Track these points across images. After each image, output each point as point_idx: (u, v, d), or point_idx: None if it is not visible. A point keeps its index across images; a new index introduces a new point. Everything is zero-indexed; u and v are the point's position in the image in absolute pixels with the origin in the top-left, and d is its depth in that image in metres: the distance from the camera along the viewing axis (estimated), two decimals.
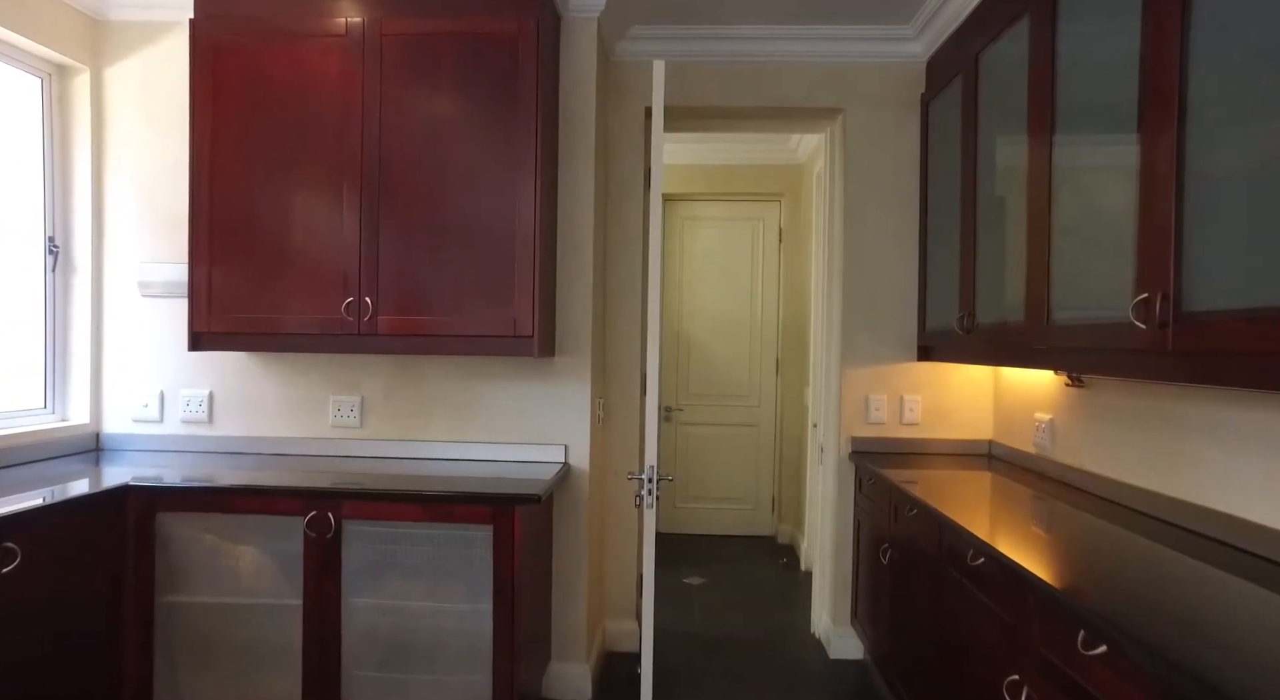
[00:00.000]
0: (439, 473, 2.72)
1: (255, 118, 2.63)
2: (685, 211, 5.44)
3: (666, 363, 5.44)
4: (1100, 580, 1.59)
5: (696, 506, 5.47)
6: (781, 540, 5.31)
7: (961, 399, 3.29)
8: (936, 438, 3.29)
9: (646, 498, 2.58)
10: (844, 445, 3.34)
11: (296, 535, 2.33)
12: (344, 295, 2.62)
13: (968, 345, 2.71)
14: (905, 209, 3.30)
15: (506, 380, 2.92)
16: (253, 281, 2.64)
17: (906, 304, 3.30)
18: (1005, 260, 2.43)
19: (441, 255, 2.61)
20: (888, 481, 2.74)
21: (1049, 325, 2.09)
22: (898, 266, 3.30)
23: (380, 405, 2.96)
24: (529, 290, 2.59)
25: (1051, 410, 2.72)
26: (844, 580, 3.34)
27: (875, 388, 3.32)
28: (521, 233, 2.59)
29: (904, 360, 3.31)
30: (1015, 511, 2.26)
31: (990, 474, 2.84)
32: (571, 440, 2.92)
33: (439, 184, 2.61)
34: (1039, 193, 2.14)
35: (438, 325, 2.61)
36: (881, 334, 3.31)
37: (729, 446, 5.44)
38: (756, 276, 5.42)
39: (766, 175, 5.30)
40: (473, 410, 2.93)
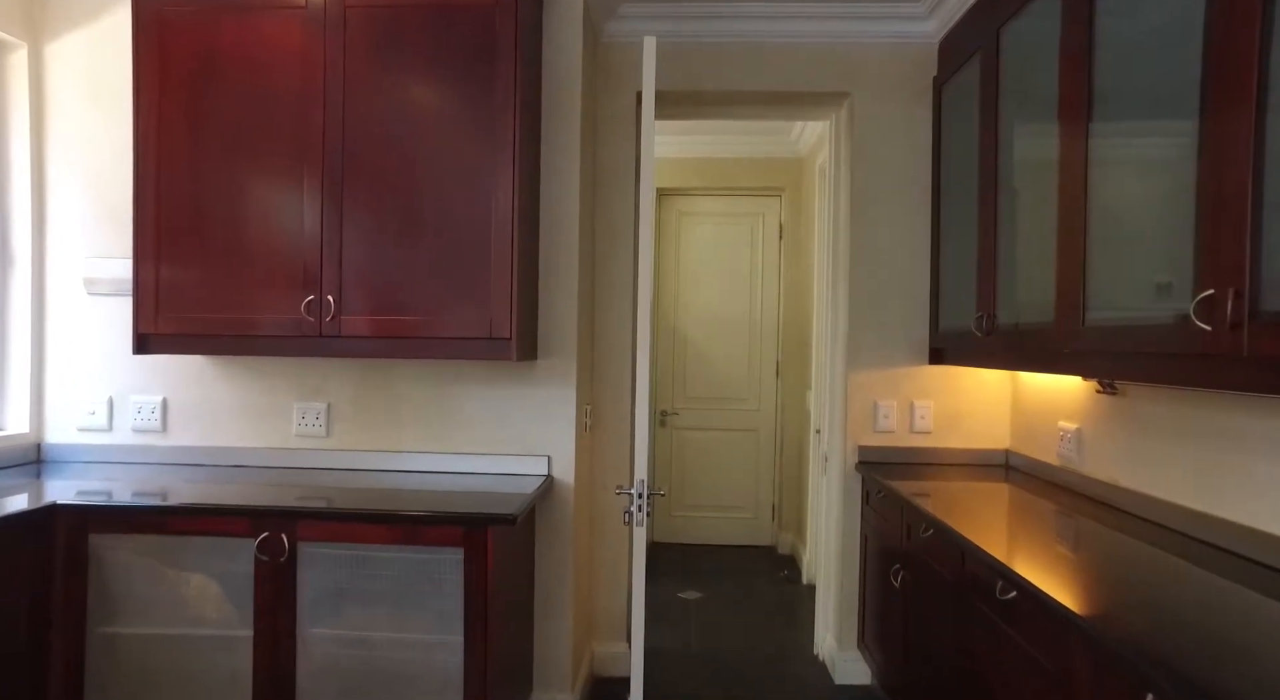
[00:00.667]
0: (411, 487, 2.49)
1: (206, 98, 2.39)
2: (681, 206, 5.21)
3: (662, 365, 5.22)
4: (1164, 624, 1.36)
5: (693, 515, 5.24)
6: (782, 551, 5.08)
7: (976, 405, 3.07)
8: (950, 447, 3.06)
9: (636, 514, 2.36)
10: (850, 455, 3.11)
11: (247, 559, 2.10)
12: (304, 293, 2.39)
13: (986, 348, 2.48)
14: (916, 201, 3.07)
15: (485, 386, 2.69)
16: (204, 278, 2.41)
17: (917, 304, 3.07)
18: (1030, 256, 2.21)
19: (411, 250, 2.38)
20: (899, 495, 2.51)
21: (1083, 327, 1.86)
22: (908, 263, 3.08)
23: (348, 413, 2.73)
24: (506, 288, 2.36)
25: (1078, 419, 2.49)
26: (850, 599, 3.12)
27: (883, 393, 3.09)
28: (498, 225, 2.36)
29: (914, 364, 3.08)
30: (1044, 532, 2.03)
31: (1009, 487, 2.61)
32: (555, 450, 2.69)
33: (408, 172, 2.38)
34: (1072, 182, 1.92)
35: (406, 326, 2.38)
36: (890, 335, 3.09)
37: (727, 452, 5.22)
38: (756, 275, 5.19)
39: (766, 169, 5.07)
40: (448, 418, 2.70)
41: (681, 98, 3.19)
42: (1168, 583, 1.61)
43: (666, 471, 5.22)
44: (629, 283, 3.15)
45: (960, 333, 2.73)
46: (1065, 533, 2.03)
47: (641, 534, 2.39)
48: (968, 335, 2.62)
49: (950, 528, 2.01)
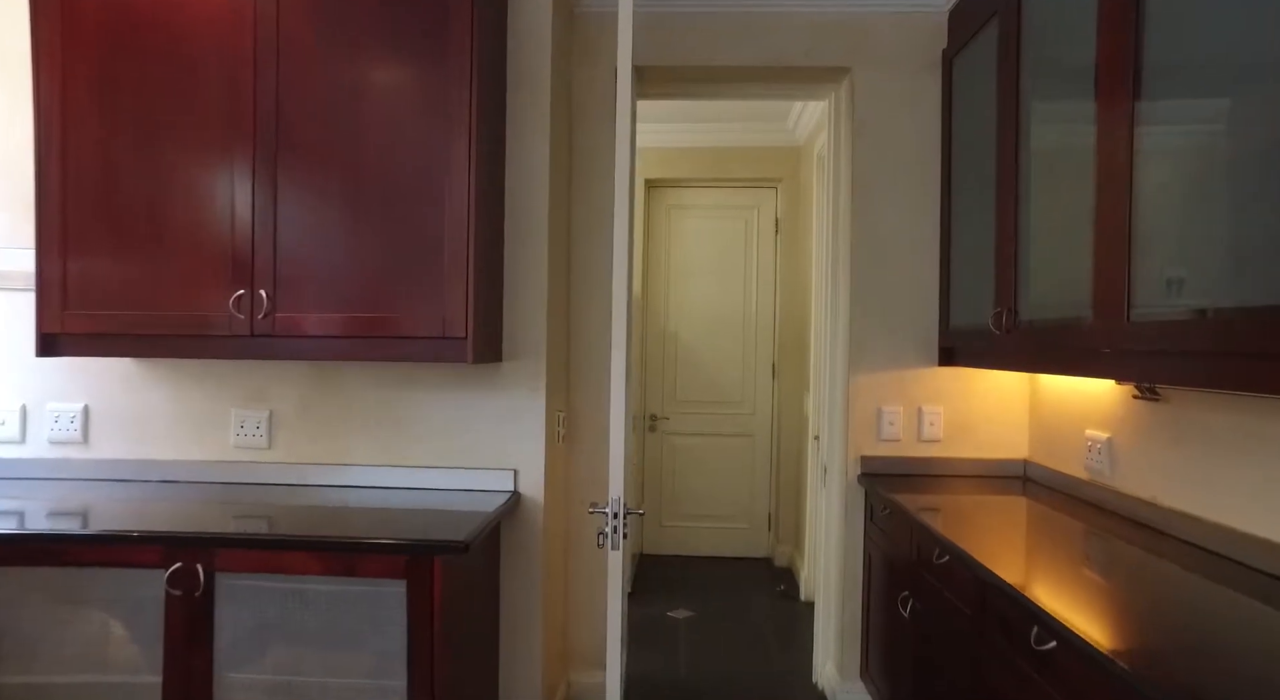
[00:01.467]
0: (361, 504, 2.21)
1: (119, 67, 2.11)
2: (671, 199, 4.93)
3: (651, 366, 4.93)
4: (1246, 679, 1.08)
5: (684, 526, 4.96)
6: (779, 563, 4.80)
7: (991, 411, 2.78)
8: (962, 457, 2.78)
9: (612, 536, 2.09)
10: (851, 466, 2.83)
11: (156, 594, 1.82)
12: (233, 287, 2.10)
13: (1005, 348, 2.20)
14: (923, 187, 2.79)
15: (444, 391, 2.41)
16: (119, 270, 2.13)
17: (925, 299, 2.79)
18: (1059, 246, 1.93)
19: (355, 238, 2.10)
20: (907, 514, 2.23)
21: (1128, 323, 1.58)
22: (915, 255, 2.80)
23: (293, 421, 2.44)
24: (462, 281, 2.07)
25: (1109, 427, 2.21)
26: (852, 624, 2.83)
27: (889, 397, 2.81)
28: (453, 211, 2.07)
29: (922, 365, 2.80)
30: (1078, 561, 1.75)
31: (1030, 503, 2.33)
32: (522, 463, 2.40)
33: (352, 150, 2.10)
34: (1112, 164, 1.64)
35: (349, 324, 2.10)
36: (896, 335, 2.81)
37: (720, 459, 4.93)
38: (751, 270, 4.91)
39: (761, 158, 4.79)
40: (404, 427, 2.42)
41: (664, 74, 2.91)
42: (1242, 627, 1.32)
43: (656, 479, 4.94)
44: (610, 278, 2.86)
45: (974, 331, 2.45)
46: (1103, 561, 1.74)
47: (618, 558, 2.12)
48: (983, 333, 2.34)
49: (971, 557, 1.72)
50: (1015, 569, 1.65)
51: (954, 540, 1.86)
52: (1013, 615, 1.56)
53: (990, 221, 2.30)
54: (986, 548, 1.81)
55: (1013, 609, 1.56)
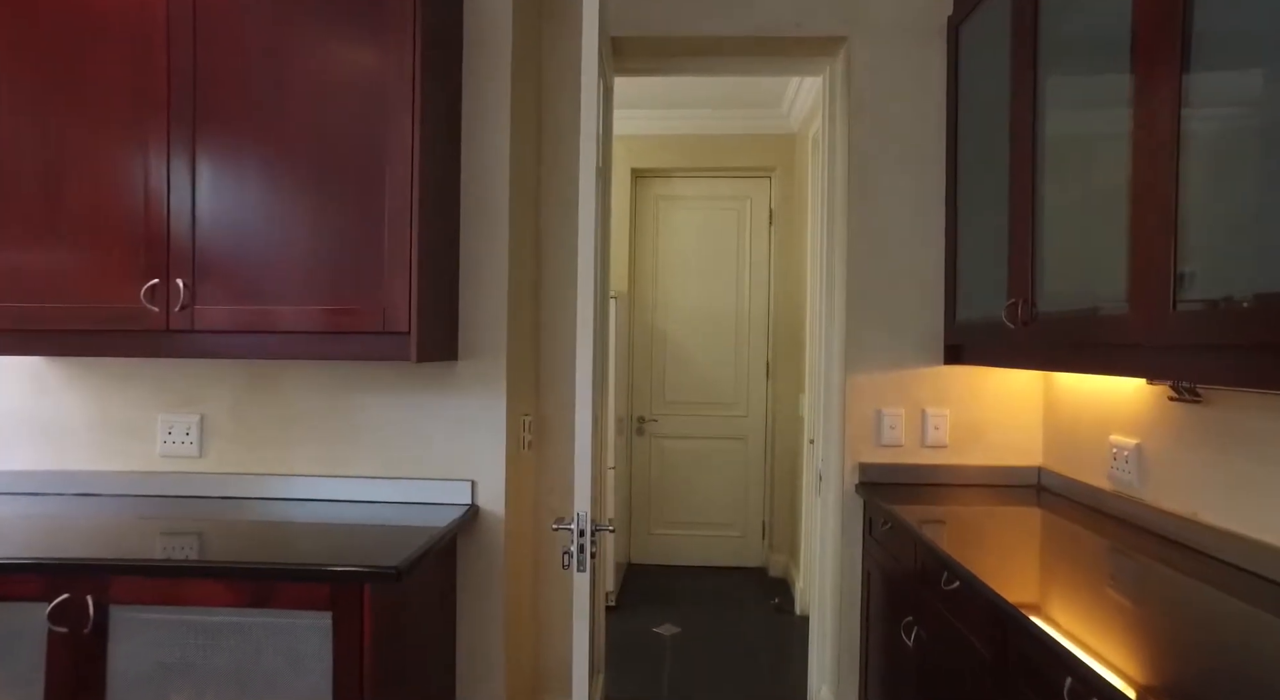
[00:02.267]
0: (302, 519, 1.97)
1: (7, 26, 1.86)
2: (659, 189, 4.69)
3: (638, 366, 4.68)
4: None
5: (673, 534, 4.71)
6: (773, 573, 4.55)
7: (1001, 414, 2.54)
8: (970, 465, 2.53)
9: (578, 556, 1.85)
10: (849, 474, 2.58)
11: (38, 630, 1.57)
12: (145, 276, 1.85)
13: (1020, 343, 1.95)
14: (927, 169, 2.54)
15: (394, 393, 2.16)
16: (13, 258, 1.88)
17: (929, 292, 2.54)
18: (1086, 229, 1.68)
19: (285, 223, 1.85)
20: (911, 530, 1.98)
21: (1173, 314, 1.34)
22: (917, 243, 2.55)
23: (227, 427, 2.19)
24: (404, 270, 1.82)
25: (1139, 432, 1.96)
26: (850, 646, 2.58)
27: (889, 399, 2.56)
28: (394, 193, 1.82)
29: (926, 364, 2.55)
30: (1111, 588, 1.50)
31: (1047, 516, 2.08)
32: (481, 473, 2.16)
33: (281, 123, 1.85)
34: (1153, 142, 1.39)
35: (279, 319, 1.85)
36: (897, 330, 2.56)
37: (712, 463, 4.69)
38: (743, 265, 4.66)
39: (754, 147, 4.54)
40: (350, 434, 2.17)
41: (643, 47, 2.67)
42: None
43: (644, 485, 4.69)
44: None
45: (984, 326, 2.20)
46: (1138, 589, 1.50)
47: (585, 582, 1.88)
48: (995, 328, 2.09)
49: (988, 587, 1.48)
50: (1040, 600, 1.40)
51: (966, 564, 1.61)
52: (1042, 660, 1.31)
53: (1003, 205, 2.05)
54: (1004, 573, 1.56)
55: (1042, 654, 1.31)
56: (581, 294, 1.79)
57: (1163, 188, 1.36)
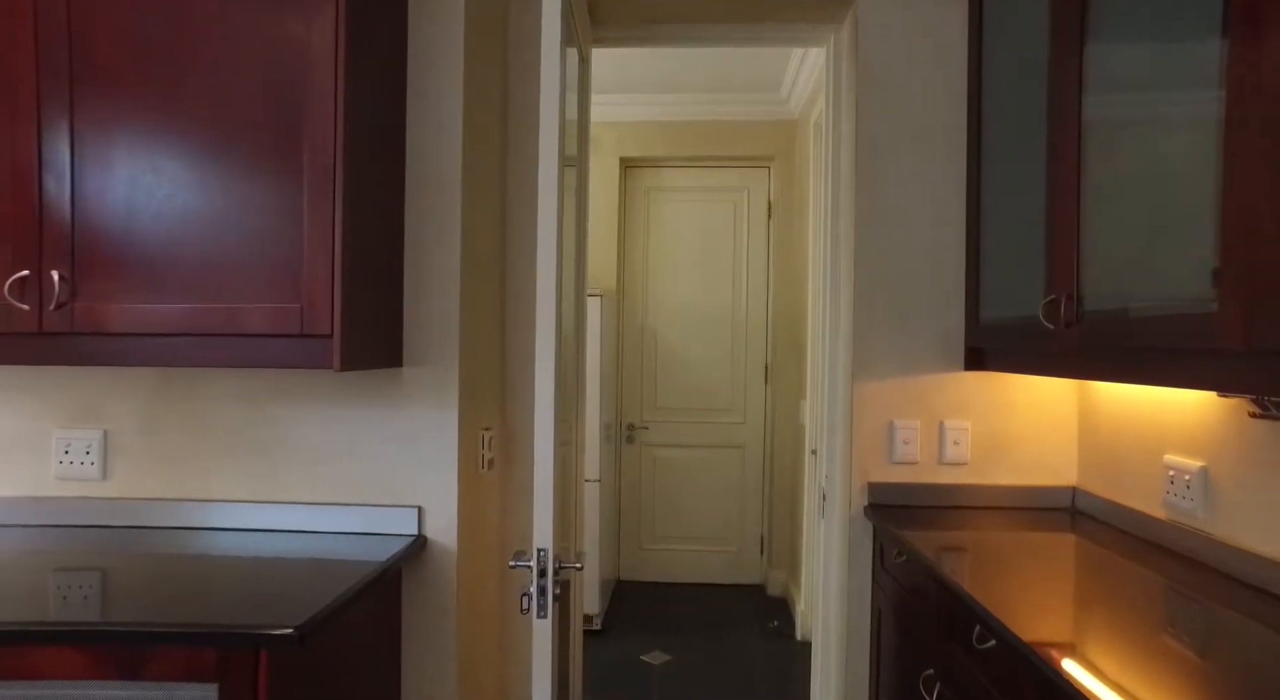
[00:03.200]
0: (223, 551, 1.67)
1: None
2: (650, 180, 4.38)
3: (628, 370, 4.38)
4: None
5: (665, 549, 4.40)
6: (772, 592, 4.24)
7: (1030, 426, 2.23)
8: (994, 485, 2.22)
9: (538, 599, 1.57)
10: (856, 495, 2.27)
11: None
12: (12, 267, 1.55)
13: (1064, 346, 1.64)
14: (945, 147, 2.24)
15: (328, 406, 1.86)
16: None
17: (948, 288, 2.24)
18: (1151, 213, 1.37)
19: (185, 204, 1.55)
20: (933, 568, 1.67)
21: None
22: (934, 232, 2.24)
23: (135, 445, 1.89)
24: (327, 258, 1.52)
25: (1205, 453, 1.65)
26: (857, 689, 2.28)
27: (902, 410, 2.25)
28: (314, 171, 1.52)
29: (944, 369, 2.25)
30: (1186, 643, 1.19)
31: (1087, 547, 1.77)
32: (429, 498, 1.85)
33: (179, 82, 1.55)
34: (1250, 112, 1.08)
35: (178, 318, 1.54)
36: (911, 332, 2.25)
37: (707, 473, 4.38)
38: (740, 261, 4.35)
39: (751, 134, 4.24)
40: (278, 452, 1.87)
41: (623, 12, 2.36)
42: None
43: (634, 497, 4.38)
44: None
45: (1015, 326, 1.89)
46: (1227, 653, 1.19)
47: (546, 630, 1.59)
48: (1029, 329, 1.78)
49: (1046, 663, 1.17)
50: (1104, 665, 1.09)
51: (1009, 623, 1.30)
52: None
53: (1039, 187, 1.74)
54: (1053, 628, 1.25)
55: None
56: (541, 294, 1.50)
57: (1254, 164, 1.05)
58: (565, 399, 2.25)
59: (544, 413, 1.55)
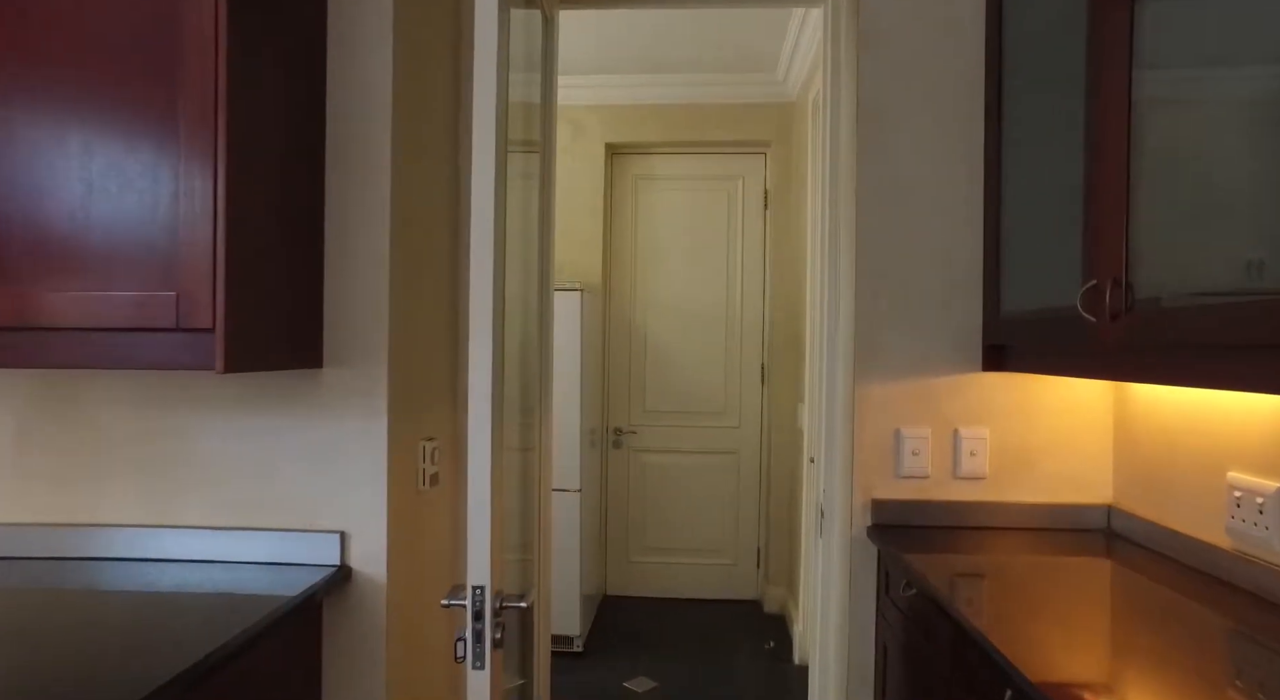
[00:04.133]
0: (109, 586, 1.41)
1: None
2: (638, 168, 4.10)
3: (614, 370, 4.10)
4: None
5: (654, 561, 4.12)
6: (769, 608, 3.95)
7: (1058, 435, 1.94)
8: (1016, 502, 1.94)
9: (473, 646, 1.32)
10: (859, 513, 1.99)
11: None
12: None
13: (1109, 344, 1.35)
14: (959, 116, 1.95)
15: (236, 412, 1.58)
16: None
17: (963, 275, 1.96)
18: (1233, 170, 1.09)
19: (32, 167, 1.27)
20: (950, 609, 1.39)
21: None
22: (946, 213, 1.96)
23: (8, 460, 1.61)
24: (206, 238, 1.24)
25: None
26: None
27: (911, 416, 1.97)
28: (191, 126, 1.24)
29: (959, 369, 1.96)
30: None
31: (1128, 575, 1.49)
32: (354, 522, 1.57)
33: (23, 9, 1.27)
34: None
35: (25, 307, 1.27)
36: (921, 327, 1.97)
37: (699, 480, 4.10)
38: (735, 253, 4.07)
39: (746, 118, 3.95)
40: (178, 469, 1.59)
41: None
42: None
43: (621, 506, 4.10)
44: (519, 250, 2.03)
45: (1043, 319, 1.61)
46: None
47: (483, 682, 1.32)
48: (1062, 322, 1.49)
49: None
50: None
51: (1044, 689, 1.01)
52: None
53: (1076, 151, 1.46)
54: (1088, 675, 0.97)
55: None
56: (475, 289, 1.24)
57: None
58: (527, 402, 1.98)
59: (479, 425, 1.29)
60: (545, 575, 2.17)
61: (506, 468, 1.85)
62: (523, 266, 1.98)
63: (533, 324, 2.13)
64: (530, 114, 2.01)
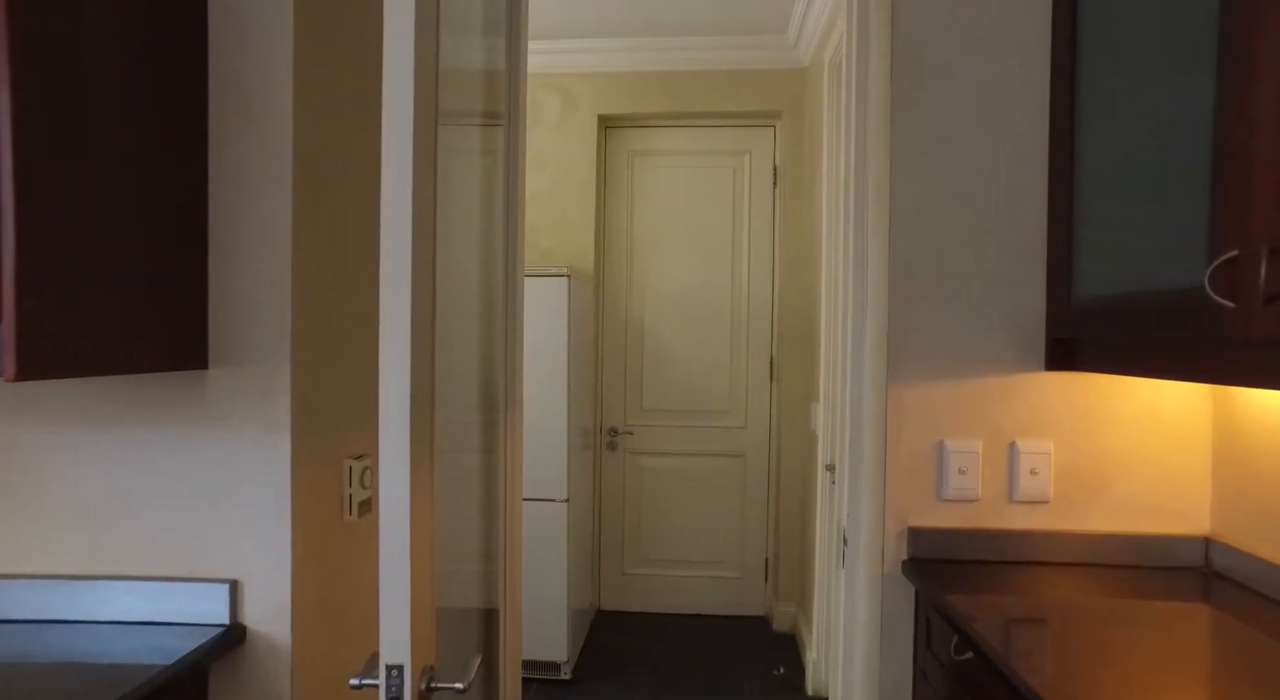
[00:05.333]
0: None
1: None
2: (634, 142, 3.72)
3: (608, 365, 3.74)
4: None
5: (653, 574, 3.77)
6: (778, 627, 3.60)
7: (1141, 450, 1.57)
8: (1088, 532, 1.57)
9: None
10: (891, 544, 1.63)
11: None
12: None
13: (1252, 337, 0.99)
14: (1020, 51, 1.58)
15: (96, 428, 1.22)
16: None
17: (1021, 251, 1.59)
18: None
19: None
20: (1012, 680, 1.02)
21: None
22: (1004, 171, 1.59)
23: None
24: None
25: None
26: None
27: (957, 425, 1.60)
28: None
29: (1016, 368, 1.60)
30: None
31: (1240, 628, 1.12)
32: (249, 568, 1.22)
33: None
34: None
35: None
36: (969, 316, 1.60)
37: (702, 486, 3.74)
38: (741, 236, 3.70)
39: (754, 86, 3.57)
40: (20, 501, 1.24)
41: None
42: None
43: (617, 513, 3.75)
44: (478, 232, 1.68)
45: (1139, 306, 1.24)
46: None
47: None
48: (1179, 308, 1.12)
49: None
50: None
51: None
52: None
53: (1198, 88, 1.09)
54: None
55: None
56: (388, 303, 0.90)
57: None
58: (489, 399, 1.66)
59: (393, 457, 0.96)
60: (514, 592, 1.83)
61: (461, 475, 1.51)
62: (483, 250, 1.66)
63: (498, 313, 1.78)
64: (493, 82, 1.71)
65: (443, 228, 1.53)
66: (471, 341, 1.71)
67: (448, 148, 1.52)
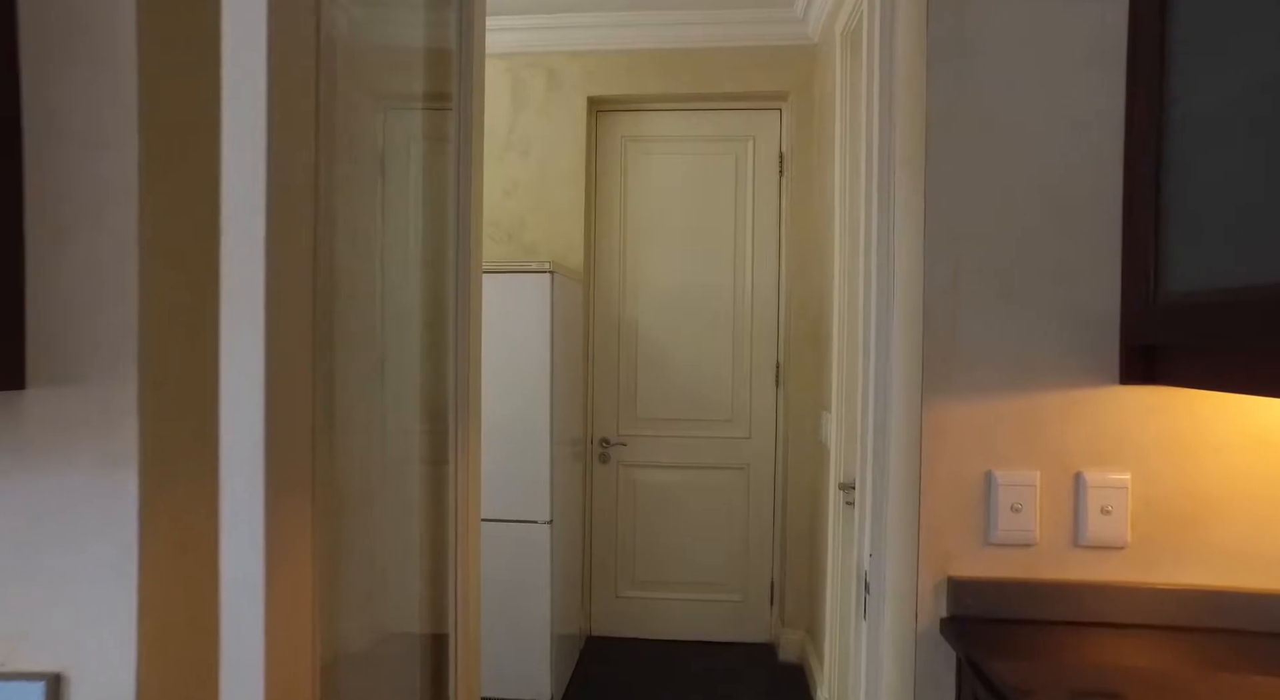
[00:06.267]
0: None
1: None
2: (628, 127, 3.42)
3: (600, 370, 3.44)
4: None
5: (648, 597, 3.47)
6: (785, 656, 3.29)
7: (1240, 485, 1.26)
8: (1174, 586, 1.26)
9: None
10: (926, 597, 1.32)
11: None
12: None
13: None
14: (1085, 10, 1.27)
15: None
16: None
17: (1088, 236, 1.28)
18: None
19: None
20: None
21: None
22: (1065, 138, 1.28)
23: None
24: None
25: None
26: None
27: (1009, 451, 1.29)
28: None
29: (1083, 382, 1.29)
30: None
31: None
32: (78, 655, 0.92)
33: None
34: None
35: None
36: (1021, 317, 1.29)
37: (702, 501, 3.44)
38: (743, 229, 3.39)
39: (758, 65, 3.27)
40: None
41: None
42: None
43: (609, 530, 3.45)
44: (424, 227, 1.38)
45: (1251, 302, 0.93)
46: None
47: None
48: None
49: None
50: None
51: None
52: None
53: None
54: None
55: None
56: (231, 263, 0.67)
57: None
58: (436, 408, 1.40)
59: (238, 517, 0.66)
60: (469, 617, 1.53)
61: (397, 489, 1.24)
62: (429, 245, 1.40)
63: (446, 315, 1.49)
64: (441, 61, 1.47)
65: (359, 217, 1.25)
66: (411, 344, 1.42)
67: (365, 132, 1.25)
